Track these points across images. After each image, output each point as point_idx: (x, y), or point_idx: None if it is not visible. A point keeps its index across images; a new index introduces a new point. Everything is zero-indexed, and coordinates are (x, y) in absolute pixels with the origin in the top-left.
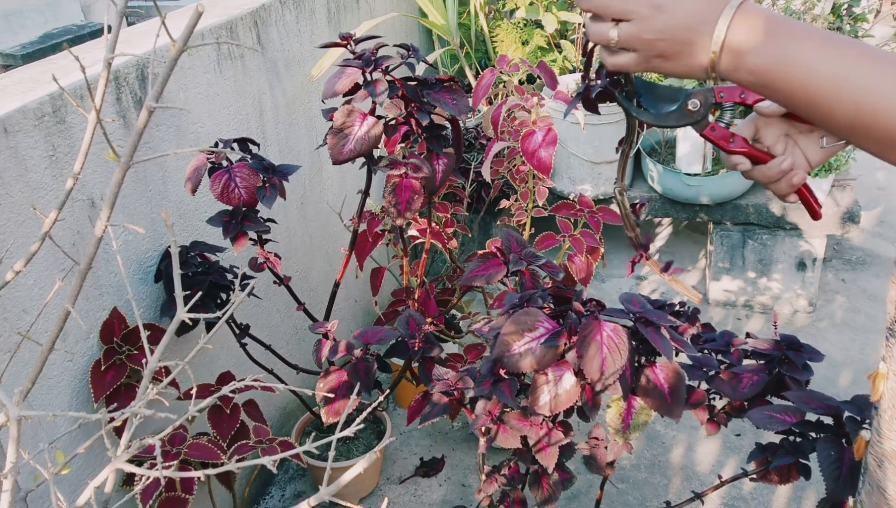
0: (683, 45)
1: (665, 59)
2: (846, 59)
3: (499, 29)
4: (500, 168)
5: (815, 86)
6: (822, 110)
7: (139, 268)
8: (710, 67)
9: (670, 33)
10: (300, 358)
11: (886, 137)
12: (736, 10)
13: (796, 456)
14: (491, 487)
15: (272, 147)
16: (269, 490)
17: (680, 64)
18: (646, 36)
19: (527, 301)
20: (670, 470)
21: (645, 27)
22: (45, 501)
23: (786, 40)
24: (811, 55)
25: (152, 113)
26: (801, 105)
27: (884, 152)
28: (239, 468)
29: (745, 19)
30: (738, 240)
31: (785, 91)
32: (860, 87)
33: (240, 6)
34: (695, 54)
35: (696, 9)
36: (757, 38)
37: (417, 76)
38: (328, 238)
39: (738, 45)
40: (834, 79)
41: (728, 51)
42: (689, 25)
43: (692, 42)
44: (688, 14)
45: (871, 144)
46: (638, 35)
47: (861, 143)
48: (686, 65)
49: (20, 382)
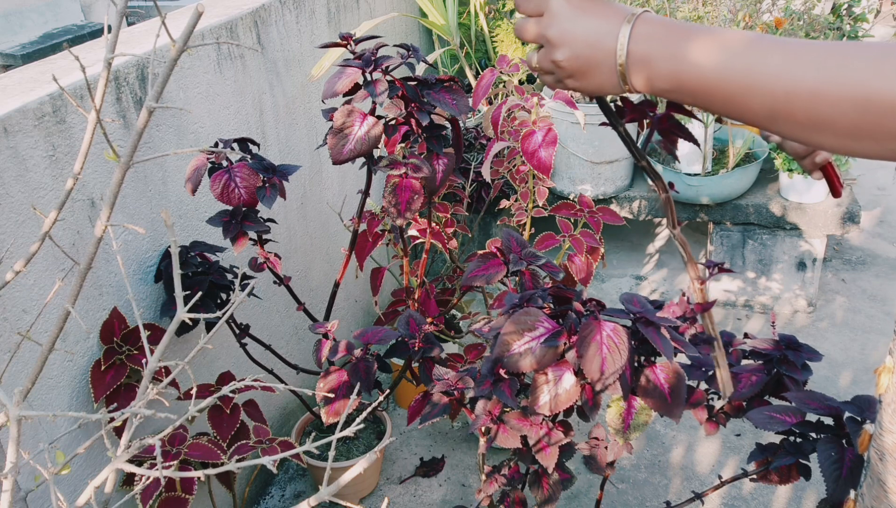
0: (589, 64)
1: (576, 79)
2: (754, 50)
3: (499, 29)
4: (500, 168)
5: (728, 81)
6: (739, 105)
7: (139, 268)
8: (620, 81)
9: (574, 54)
10: (300, 358)
11: (807, 119)
12: (634, 21)
13: (796, 457)
14: (491, 487)
15: (272, 147)
16: (269, 490)
17: (591, 82)
18: (553, 58)
19: (527, 301)
20: (670, 470)
21: (551, 51)
22: (45, 501)
23: (691, 41)
24: (720, 52)
25: (152, 113)
26: (719, 103)
27: (807, 136)
28: (239, 468)
29: (644, 28)
30: (738, 240)
31: (699, 92)
32: (772, 74)
33: (240, 6)
34: (602, 71)
35: (595, 27)
36: (661, 45)
37: (417, 76)
38: (328, 238)
39: (643, 54)
40: (746, 71)
41: (634, 62)
42: (590, 43)
43: (597, 60)
44: (587, 33)
45: (793, 128)
46: (547, 58)
47: (783, 130)
48: (597, 82)
49: (20, 382)
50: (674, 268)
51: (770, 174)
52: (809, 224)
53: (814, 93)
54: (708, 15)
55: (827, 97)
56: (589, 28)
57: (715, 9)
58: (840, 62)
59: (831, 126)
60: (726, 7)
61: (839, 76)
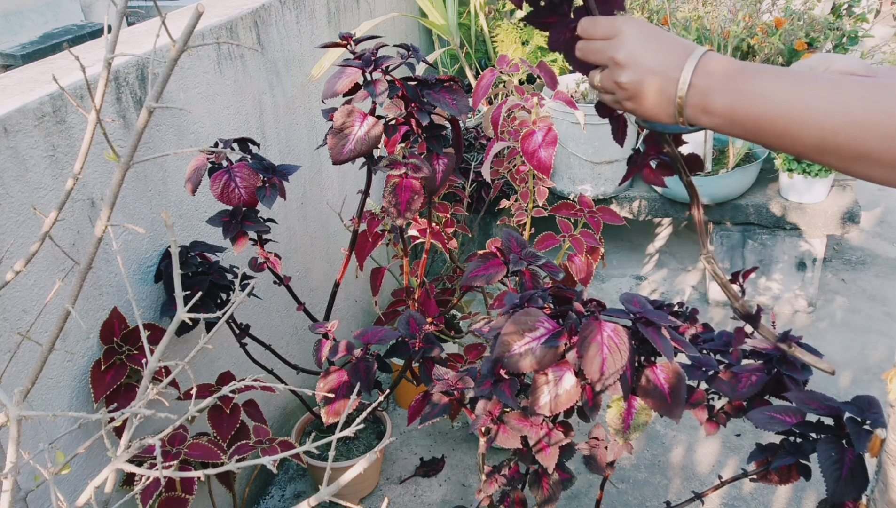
0: (651, 90)
1: (635, 102)
2: (805, 88)
3: (499, 29)
4: (500, 168)
5: (780, 116)
6: (789, 139)
7: (139, 268)
8: (677, 112)
9: (638, 78)
10: (300, 358)
11: (851, 152)
12: (700, 57)
13: (797, 457)
14: (491, 487)
15: (272, 147)
16: (269, 490)
17: (649, 107)
18: (618, 79)
19: (527, 301)
20: (670, 470)
21: (617, 72)
22: (45, 501)
23: (747, 79)
24: (773, 90)
25: (152, 113)
26: (769, 137)
27: (855, 168)
28: (239, 468)
29: (707, 65)
30: (738, 240)
31: (752, 127)
32: (822, 110)
33: (240, 6)
34: (661, 99)
35: (663, 58)
36: (719, 81)
37: (417, 76)
38: (328, 238)
39: (702, 88)
40: (797, 108)
41: (693, 94)
42: (655, 71)
43: (659, 87)
44: (654, 61)
45: (841, 161)
46: (611, 78)
47: (831, 162)
48: (654, 108)
49: (20, 382)
50: (674, 268)
51: (770, 174)
52: (809, 224)
53: (862, 127)
54: (708, 15)
55: (876, 131)
56: (656, 56)
57: (715, 9)
58: (888, 96)
59: (878, 158)
60: (726, 7)
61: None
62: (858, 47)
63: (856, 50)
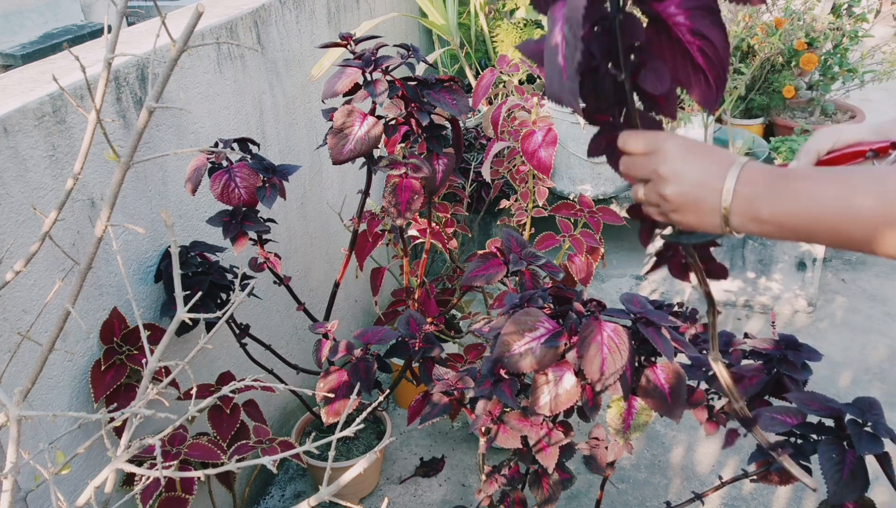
0: (696, 201)
1: (681, 214)
2: (852, 186)
3: (499, 29)
4: (500, 168)
5: (828, 218)
6: (839, 237)
7: (139, 268)
8: (723, 222)
9: (682, 191)
10: (300, 358)
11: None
12: (742, 167)
13: (797, 458)
14: (491, 487)
15: (272, 147)
16: (269, 490)
17: (695, 218)
18: (663, 193)
19: (527, 301)
20: (670, 471)
21: (661, 186)
22: (45, 501)
23: (790, 186)
24: (818, 194)
25: (152, 113)
26: (822, 239)
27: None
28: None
29: (750, 174)
30: (737, 240)
31: (803, 230)
32: (869, 208)
33: (240, 6)
34: (707, 210)
35: (705, 169)
36: (764, 189)
37: (417, 76)
38: (328, 238)
39: (747, 196)
40: (847, 207)
41: (738, 203)
42: (699, 183)
43: (703, 198)
44: (698, 173)
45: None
46: (655, 192)
47: (883, 251)
48: (700, 218)
49: (20, 382)
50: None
51: None
52: None
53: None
54: None
55: None
56: (700, 169)
57: None
58: None
59: None
60: (726, 7)
61: None
62: (858, 47)
63: (856, 49)
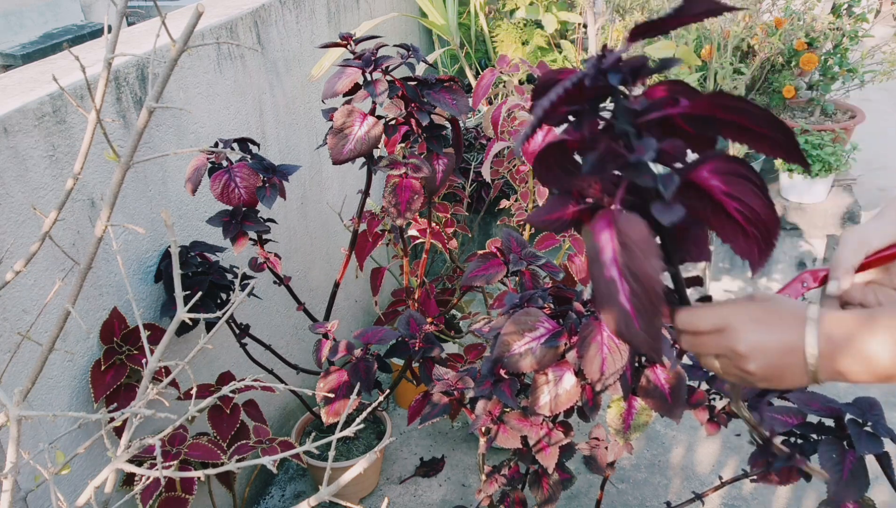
0: (783, 369)
1: (769, 382)
2: None
3: (499, 29)
4: (500, 168)
5: None
6: None
7: (139, 268)
8: (812, 379)
9: (767, 363)
10: (300, 358)
11: None
12: (817, 324)
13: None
14: (491, 487)
15: (272, 147)
16: (269, 490)
17: (784, 383)
18: (746, 368)
19: (527, 301)
20: (670, 471)
21: (741, 362)
22: (45, 501)
23: (868, 336)
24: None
25: (152, 113)
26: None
27: None
28: (239, 468)
29: (827, 330)
30: None
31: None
32: None
33: (240, 6)
34: (795, 373)
35: (784, 339)
36: (845, 344)
37: (417, 76)
38: (328, 238)
39: (830, 353)
40: None
41: (825, 362)
42: (781, 352)
43: (789, 363)
44: (777, 343)
45: None
46: (736, 368)
47: None
48: (790, 382)
49: (20, 382)
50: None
51: (770, 174)
52: (809, 224)
53: None
54: None
55: None
56: (777, 338)
57: None
58: None
59: None
60: None
61: None
62: (858, 47)
63: (856, 49)
